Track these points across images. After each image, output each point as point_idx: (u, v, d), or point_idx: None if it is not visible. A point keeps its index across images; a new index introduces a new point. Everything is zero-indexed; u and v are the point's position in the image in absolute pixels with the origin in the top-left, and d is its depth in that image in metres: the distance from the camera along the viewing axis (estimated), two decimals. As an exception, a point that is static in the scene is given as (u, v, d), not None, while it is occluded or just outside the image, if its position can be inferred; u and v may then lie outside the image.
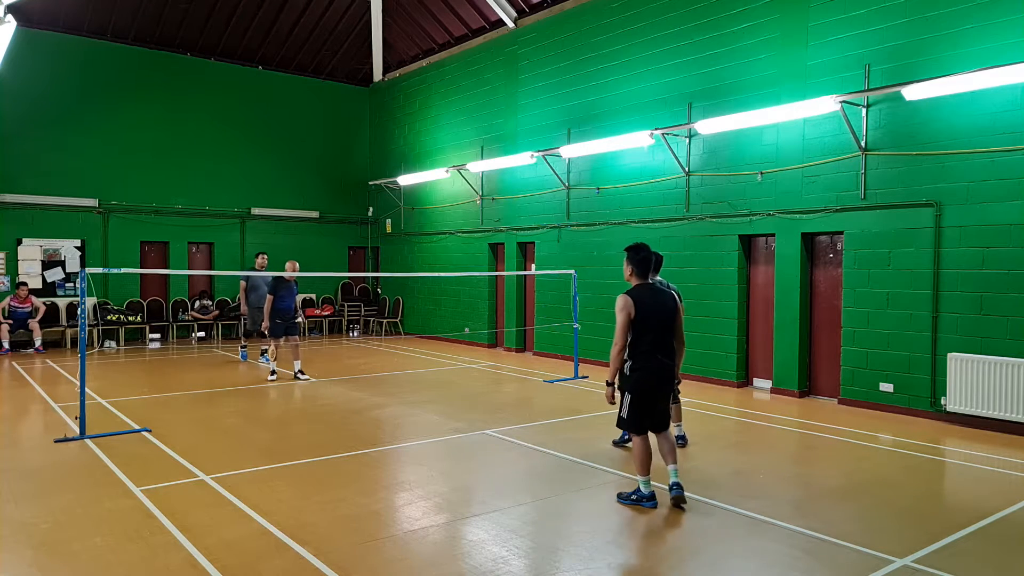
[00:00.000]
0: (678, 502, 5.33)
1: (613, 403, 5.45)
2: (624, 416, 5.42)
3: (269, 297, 10.93)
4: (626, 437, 7.11)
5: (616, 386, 5.42)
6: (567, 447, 7.14)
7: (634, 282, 5.48)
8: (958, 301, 8.34)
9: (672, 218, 11.49)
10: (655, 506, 5.30)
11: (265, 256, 13.05)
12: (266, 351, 13.04)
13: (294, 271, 10.93)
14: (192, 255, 17.20)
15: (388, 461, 6.81)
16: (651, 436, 5.54)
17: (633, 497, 5.38)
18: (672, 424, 7.23)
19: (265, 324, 10.97)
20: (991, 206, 8.07)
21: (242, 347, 13.55)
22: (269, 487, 5.81)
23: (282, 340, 11.10)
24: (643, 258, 5.45)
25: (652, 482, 5.49)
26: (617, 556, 4.55)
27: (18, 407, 8.98)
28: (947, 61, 8.36)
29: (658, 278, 6.61)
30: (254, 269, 12.78)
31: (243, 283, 12.86)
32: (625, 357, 5.39)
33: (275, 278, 11.10)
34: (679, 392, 7.23)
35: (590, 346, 12.61)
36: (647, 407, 5.39)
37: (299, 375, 11.09)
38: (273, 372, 11.16)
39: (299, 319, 11.21)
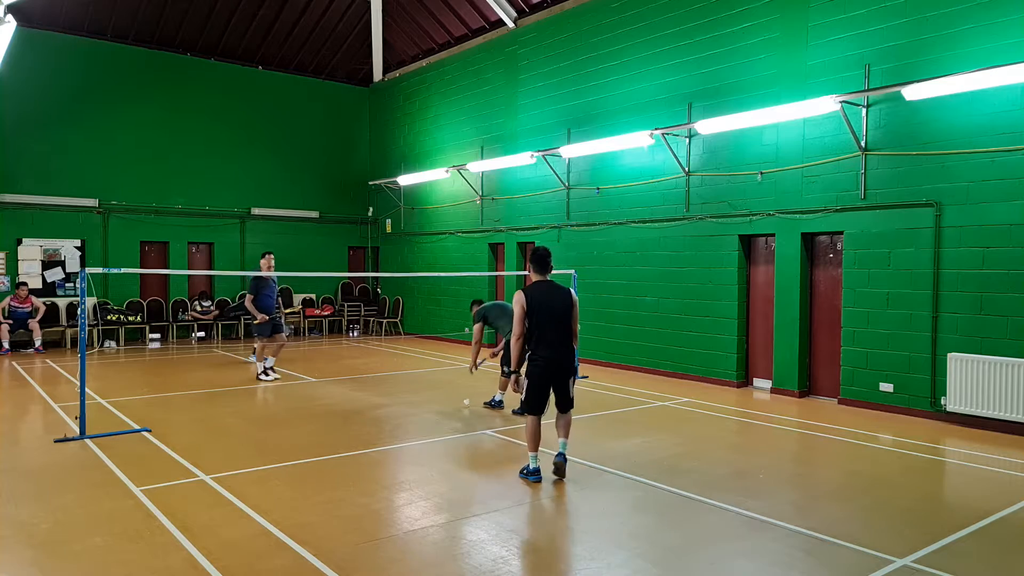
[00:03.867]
0: (558, 469, 6.00)
1: (517, 390, 5.94)
2: (523, 400, 6.00)
3: (250, 296, 10.85)
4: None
5: (521, 374, 5.96)
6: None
7: (532, 279, 6.05)
8: (958, 301, 8.34)
9: (672, 218, 11.49)
10: (539, 480, 5.91)
11: (271, 256, 12.94)
12: (255, 351, 13.02)
13: (270, 267, 10.90)
14: (192, 255, 17.20)
15: (388, 461, 6.82)
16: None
17: (523, 472, 6.04)
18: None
19: (261, 318, 10.80)
20: (991, 206, 8.07)
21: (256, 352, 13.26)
22: (269, 487, 5.81)
23: (269, 338, 11.06)
24: (538, 257, 6.04)
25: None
26: (617, 556, 4.55)
27: (18, 407, 8.98)
28: (947, 61, 8.36)
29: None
30: (259, 270, 12.77)
31: (254, 284, 12.69)
32: (528, 347, 5.94)
33: (256, 277, 10.90)
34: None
35: (590, 346, 12.61)
36: (543, 392, 5.94)
37: (262, 371, 11.05)
38: (272, 370, 11.14)
39: (279, 316, 11.16)
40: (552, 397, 6.05)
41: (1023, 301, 7.85)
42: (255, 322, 11.05)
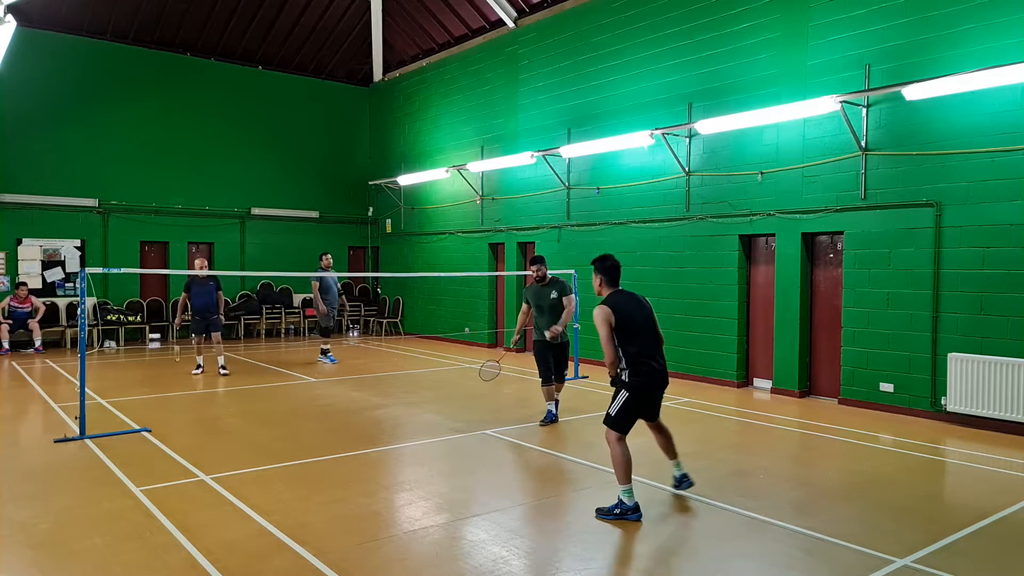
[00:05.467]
0: (682, 484, 5.64)
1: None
2: (612, 414, 5.22)
3: (184, 295, 11.44)
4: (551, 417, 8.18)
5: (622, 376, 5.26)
6: (567, 447, 7.14)
7: (605, 292, 5.40)
8: (958, 301, 8.34)
9: (672, 218, 11.49)
10: (640, 519, 5.02)
11: (329, 256, 13.36)
12: (327, 351, 13.32)
13: (203, 268, 11.22)
14: (192, 255, 17.20)
15: (388, 461, 6.82)
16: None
17: (616, 511, 5.04)
18: (554, 398, 8.18)
19: (178, 322, 11.70)
20: (991, 206, 8.07)
21: (327, 351, 13.23)
22: (269, 487, 5.81)
23: (203, 337, 11.46)
24: (611, 266, 5.43)
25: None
26: (617, 556, 4.55)
27: (18, 407, 8.98)
28: (947, 61, 8.36)
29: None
30: (320, 269, 13.07)
31: (316, 284, 13.01)
32: (622, 366, 5.22)
33: (190, 277, 11.56)
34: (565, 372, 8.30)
35: (590, 346, 12.60)
36: (639, 410, 5.29)
37: (221, 370, 11.37)
38: (200, 366, 11.51)
39: (219, 316, 11.48)
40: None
41: (1023, 301, 7.85)
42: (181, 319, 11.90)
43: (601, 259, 5.48)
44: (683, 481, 5.62)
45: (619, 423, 5.19)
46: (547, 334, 8.03)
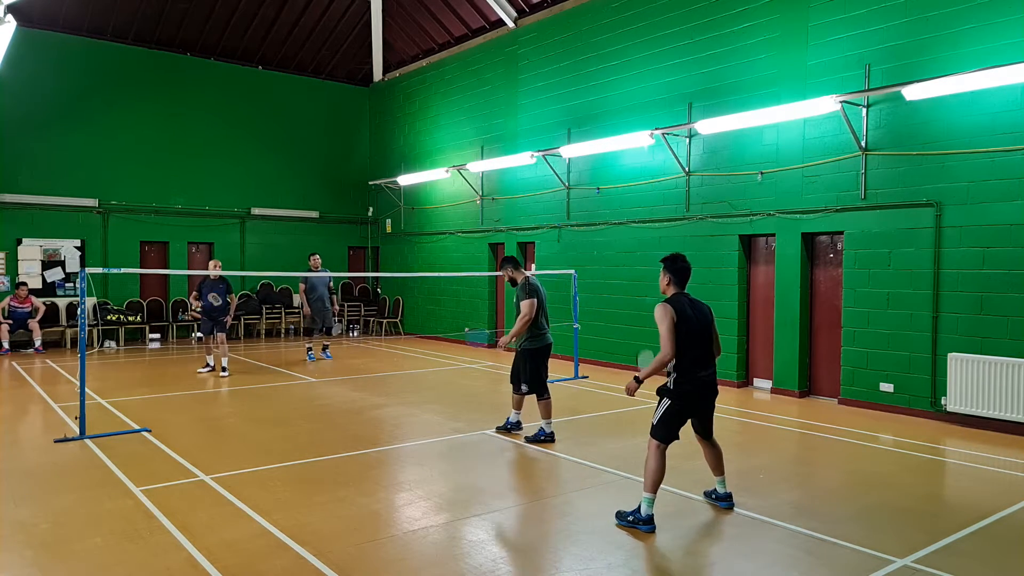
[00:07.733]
0: (722, 501, 5.45)
1: (632, 396, 5.20)
2: (655, 422, 5.13)
3: (195, 293, 11.68)
4: (510, 424, 7.57)
5: (641, 384, 5.15)
6: (567, 447, 7.14)
7: (670, 292, 5.32)
8: (958, 301, 8.34)
9: (672, 218, 11.49)
10: (652, 531, 4.89)
11: (318, 256, 13.37)
12: (326, 347, 13.62)
13: (216, 270, 11.28)
14: (192, 255, 17.20)
15: (388, 461, 6.82)
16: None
17: (630, 519, 5.01)
18: (543, 420, 7.38)
19: (196, 304, 11.66)
20: (991, 206, 8.07)
21: (308, 348, 13.50)
22: (269, 487, 5.81)
23: (210, 337, 11.64)
24: (681, 267, 5.31)
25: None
26: (617, 556, 4.55)
27: (18, 407, 8.98)
28: (947, 61, 8.36)
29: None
30: (309, 270, 13.13)
31: (302, 284, 13.18)
32: (668, 371, 5.14)
33: (202, 278, 11.77)
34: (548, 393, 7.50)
35: (590, 346, 12.61)
36: (685, 419, 5.18)
37: (221, 372, 11.47)
38: (208, 365, 11.79)
39: (227, 318, 11.56)
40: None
41: (1023, 301, 7.85)
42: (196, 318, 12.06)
43: (672, 258, 5.37)
44: (724, 500, 5.42)
45: (661, 431, 5.09)
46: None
